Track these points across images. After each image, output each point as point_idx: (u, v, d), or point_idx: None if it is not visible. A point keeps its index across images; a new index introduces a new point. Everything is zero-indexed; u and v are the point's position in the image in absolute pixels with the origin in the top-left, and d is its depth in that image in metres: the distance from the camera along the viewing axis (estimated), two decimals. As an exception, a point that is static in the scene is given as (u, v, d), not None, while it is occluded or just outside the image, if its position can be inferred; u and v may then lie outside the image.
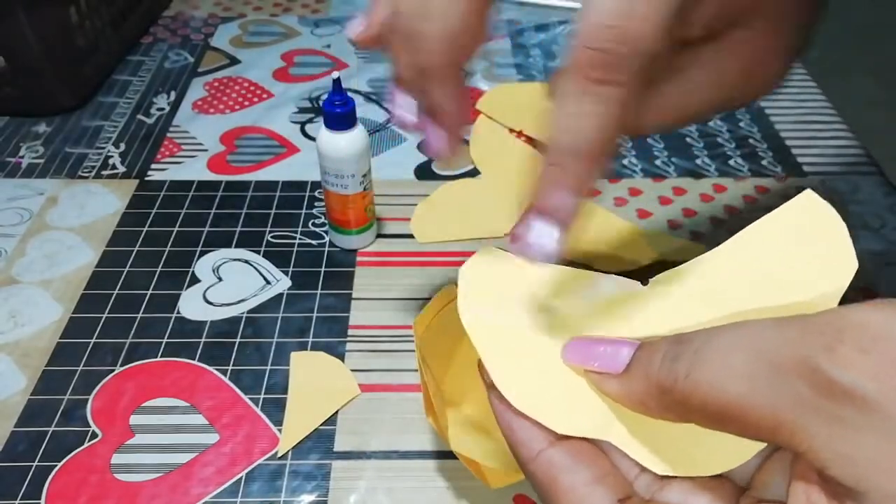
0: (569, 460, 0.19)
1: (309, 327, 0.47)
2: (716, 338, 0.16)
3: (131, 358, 0.45)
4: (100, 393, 0.43)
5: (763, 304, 0.19)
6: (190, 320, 0.48)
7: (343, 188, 0.49)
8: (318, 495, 0.38)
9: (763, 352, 0.15)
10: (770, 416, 0.15)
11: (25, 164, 0.61)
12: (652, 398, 0.17)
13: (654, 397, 0.17)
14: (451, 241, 0.54)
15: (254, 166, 0.61)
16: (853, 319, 0.14)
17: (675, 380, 0.16)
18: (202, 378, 0.44)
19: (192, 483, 0.38)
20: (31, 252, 0.53)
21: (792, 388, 0.14)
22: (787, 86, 0.72)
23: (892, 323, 0.14)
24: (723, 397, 0.15)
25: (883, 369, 0.13)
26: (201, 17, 0.84)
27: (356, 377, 0.44)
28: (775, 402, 0.14)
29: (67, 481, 0.39)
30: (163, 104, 0.69)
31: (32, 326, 0.47)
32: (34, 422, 0.41)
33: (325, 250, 0.53)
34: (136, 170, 0.60)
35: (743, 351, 0.15)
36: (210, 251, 0.53)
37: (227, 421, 0.41)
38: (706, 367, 0.16)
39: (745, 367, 0.15)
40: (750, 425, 0.15)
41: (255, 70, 0.74)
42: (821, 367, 0.14)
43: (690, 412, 0.16)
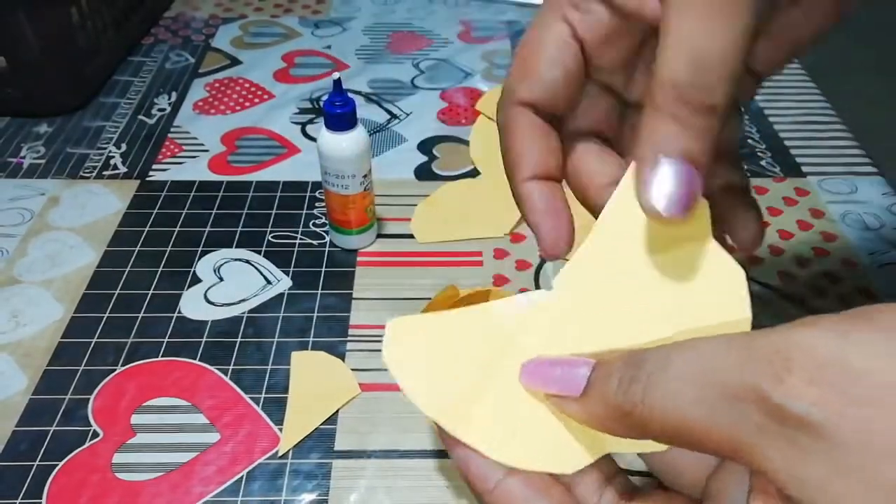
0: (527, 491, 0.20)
1: (310, 327, 0.47)
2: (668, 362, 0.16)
3: (132, 357, 0.45)
4: (101, 392, 0.43)
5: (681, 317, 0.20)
6: (191, 320, 0.48)
7: (344, 188, 0.49)
8: (319, 494, 0.38)
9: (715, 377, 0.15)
10: (728, 439, 0.15)
11: (27, 164, 0.61)
12: (614, 421, 0.18)
13: (615, 420, 0.17)
14: (451, 241, 0.54)
15: (255, 167, 0.61)
16: (800, 344, 0.14)
17: (633, 404, 0.17)
18: (203, 377, 0.44)
19: (193, 482, 0.39)
20: (33, 252, 0.53)
21: (746, 413, 0.14)
22: (786, 86, 0.72)
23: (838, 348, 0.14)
24: (680, 422, 0.16)
25: (830, 398, 0.13)
26: (202, 17, 0.84)
27: (357, 377, 0.44)
28: (731, 426, 0.15)
29: (68, 481, 0.39)
30: (164, 105, 0.69)
31: (34, 326, 0.47)
32: (35, 421, 0.42)
33: (326, 250, 0.53)
34: (137, 170, 0.61)
35: (695, 376, 0.16)
36: (211, 251, 0.53)
37: (228, 420, 0.42)
38: (661, 393, 0.16)
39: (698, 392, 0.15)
40: (710, 447, 0.16)
41: (256, 71, 0.74)
42: (770, 397, 0.14)
43: (651, 434, 0.17)
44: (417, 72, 0.74)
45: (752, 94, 0.25)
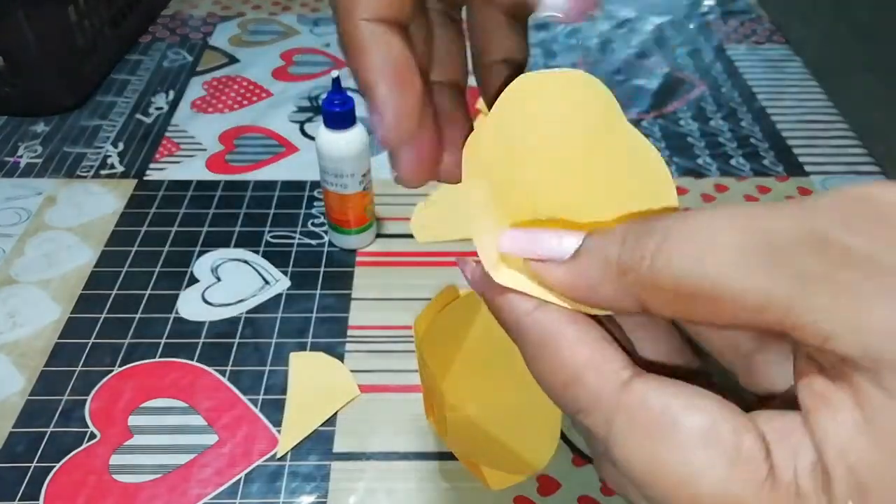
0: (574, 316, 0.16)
1: (308, 327, 0.47)
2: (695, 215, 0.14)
3: (130, 358, 0.45)
4: (98, 393, 0.43)
5: None
6: (189, 321, 0.47)
7: (342, 188, 0.49)
8: (318, 496, 0.38)
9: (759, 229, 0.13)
10: (759, 293, 0.13)
11: (24, 163, 0.61)
12: (607, 281, 0.15)
13: (610, 280, 0.15)
14: (451, 241, 0.53)
15: (253, 166, 0.61)
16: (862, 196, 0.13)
17: (642, 257, 0.15)
18: (201, 379, 0.44)
19: (191, 484, 0.38)
20: (30, 252, 0.52)
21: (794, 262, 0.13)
22: (789, 85, 0.72)
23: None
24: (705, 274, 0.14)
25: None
26: (200, 16, 0.84)
27: (356, 378, 0.44)
28: (769, 278, 0.13)
29: (66, 482, 0.38)
30: (161, 103, 0.69)
31: (31, 326, 0.47)
32: (32, 422, 0.41)
33: (325, 250, 0.53)
34: (134, 169, 0.60)
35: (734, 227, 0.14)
36: (209, 251, 0.53)
37: (226, 422, 0.41)
38: (684, 243, 0.14)
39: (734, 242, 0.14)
40: (730, 306, 0.14)
41: (254, 69, 0.74)
42: (833, 237, 0.13)
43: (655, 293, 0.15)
44: (417, 70, 0.74)
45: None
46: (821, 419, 0.13)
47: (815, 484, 0.13)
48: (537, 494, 0.38)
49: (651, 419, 0.15)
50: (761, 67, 0.74)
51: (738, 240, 0.14)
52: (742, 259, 0.13)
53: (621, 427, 0.15)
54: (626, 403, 0.15)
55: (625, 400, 0.15)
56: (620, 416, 0.15)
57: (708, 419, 0.14)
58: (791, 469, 0.13)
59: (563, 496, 0.38)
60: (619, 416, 0.15)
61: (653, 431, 0.14)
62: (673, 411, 0.14)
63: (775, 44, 0.78)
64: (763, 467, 0.14)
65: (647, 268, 0.15)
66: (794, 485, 0.13)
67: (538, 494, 0.38)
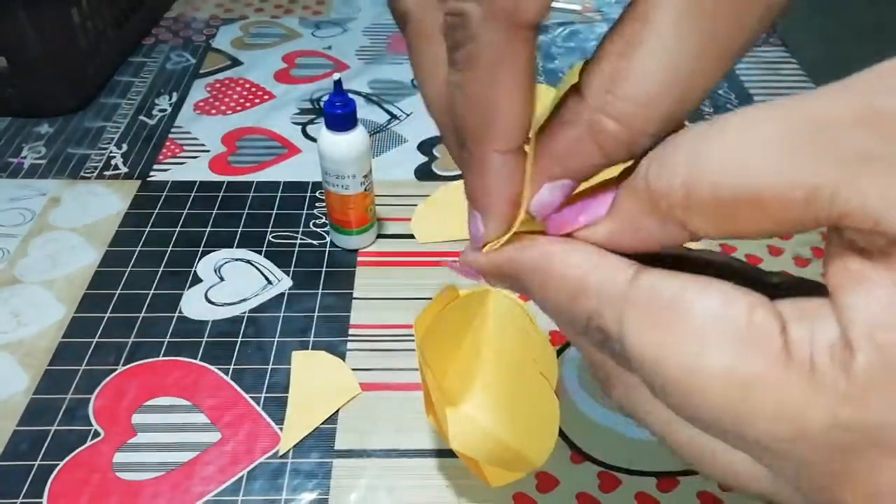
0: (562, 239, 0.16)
1: (310, 327, 0.47)
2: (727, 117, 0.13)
3: (133, 357, 0.45)
4: (102, 392, 0.43)
5: None
6: (192, 320, 0.48)
7: (344, 188, 0.49)
8: (320, 494, 0.38)
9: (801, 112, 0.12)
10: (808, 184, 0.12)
11: (28, 164, 0.61)
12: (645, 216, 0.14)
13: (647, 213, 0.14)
14: (451, 241, 0.54)
15: (255, 167, 0.61)
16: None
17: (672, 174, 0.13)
18: (204, 377, 0.44)
19: (194, 482, 0.39)
20: (34, 252, 0.53)
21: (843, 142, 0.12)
22: (786, 85, 0.72)
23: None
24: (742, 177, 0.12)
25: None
26: (203, 18, 0.84)
27: (357, 376, 0.44)
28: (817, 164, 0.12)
29: (69, 480, 0.39)
30: (164, 105, 0.69)
31: (35, 326, 0.47)
32: (36, 421, 0.42)
33: (326, 250, 0.53)
34: (138, 170, 0.61)
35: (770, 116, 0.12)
36: (212, 251, 0.53)
37: (229, 420, 0.42)
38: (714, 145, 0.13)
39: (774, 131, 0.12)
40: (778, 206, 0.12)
41: (257, 71, 0.74)
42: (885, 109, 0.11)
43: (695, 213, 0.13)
44: (418, 72, 0.74)
45: None
46: (852, 294, 0.12)
47: (833, 361, 0.12)
48: (536, 491, 0.38)
49: (662, 306, 0.14)
50: (758, 69, 0.75)
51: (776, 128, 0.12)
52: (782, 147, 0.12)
53: (633, 318, 0.14)
54: (634, 295, 0.14)
55: (634, 292, 0.14)
56: (631, 308, 0.14)
57: (720, 299, 0.13)
58: (807, 345, 0.12)
59: (562, 493, 0.38)
60: (629, 308, 0.14)
61: (664, 318, 0.14)
62: (684, 296, 0.14)
63: (772, 45, 0.79)
64: (776, 342, 0.13)
65: (679, 187, 0.13)
66: (808, 361, 0.12)
67: (537, 491, 0.38)
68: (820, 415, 0.12)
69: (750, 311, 0.13)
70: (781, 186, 0.12)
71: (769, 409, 0.13)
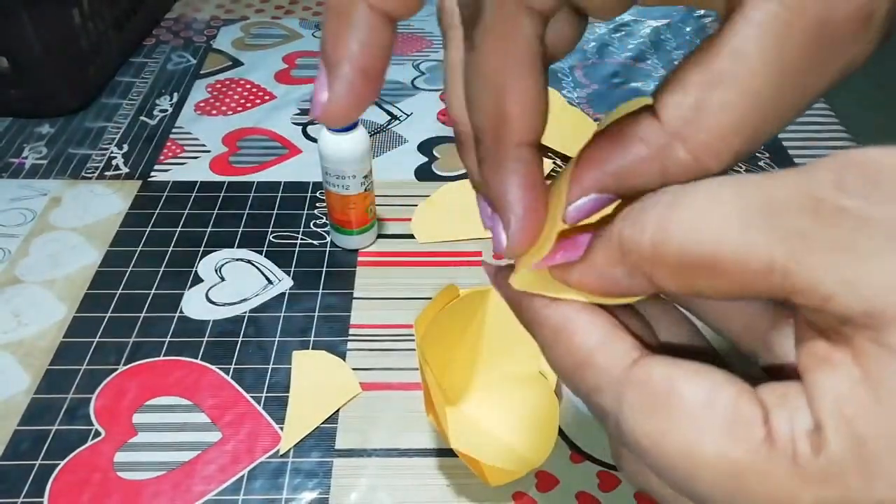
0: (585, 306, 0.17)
1: (310, 326, 0.47)
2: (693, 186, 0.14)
3: (134, 357, 0.45)
4: (103, 392, 0.43)
5: None
6: (193, 319, 0.48)
7: (344, 189, 0.49)
8: (320, 493, 0.38)
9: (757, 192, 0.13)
10: (762, 256, 0.13)
11: (29, 164, 0.61)
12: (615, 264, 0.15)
13: (617, 262, 0.15)
14: (451, 241, 0.54)
15: (256, 167, 0.61)
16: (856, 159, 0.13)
17: (643, 231, 0.15)
18: (205, 377, 0.44)
19: (195, 481, 0.39)
20: (35, 252, 0.53)
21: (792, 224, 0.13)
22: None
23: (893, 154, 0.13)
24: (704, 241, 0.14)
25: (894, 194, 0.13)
26: (203, 19, 0.84)
27: (357, 376, 0.44)
28: (769, 240, 0.13)
29: (70, 480, 0.39)
30: (165, 106, 0.69)
31: (36, 326, 0.47)
32: (37, 420, 0.42)
33: (327, 250, 0.53)
34: (139, 171, 0.61)
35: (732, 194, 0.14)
36: (213, 251, 0.53)
37: (230, 419, 0.42)
38: (682, 213, 0.14)
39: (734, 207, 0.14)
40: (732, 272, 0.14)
41: (257, 72, 0.75)
42: (827, 198, 0.13)
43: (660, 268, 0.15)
44: (418, 73, 0.75)
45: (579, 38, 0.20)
46: (819, 377, 0.13)
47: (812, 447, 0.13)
48: (536, 490, 0.39)
49: (655, 392, 0.15)
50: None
51: (736, 204, 0.14)
52: (740, 222, 0.13)
53: (629, 402, 0.15)
54: (633, 379, 0.15)
55: (632, 376, 0.15)
56: (628, 392, 0.15)
57: (707, 387, 0.14)
58: (788, 432, 0.13)
59: (561, 492, 0.39)
60: (627, 392, 0.15)
61: (657, 403, 0.15)
62: (675, 383, 0.15)
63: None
64: (760, 431, 0.14)
65: (649, 242, 0.14)
66: (790, 448, 0.13)
67: (537, 490, 0.39)
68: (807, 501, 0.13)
69: (735, 399, 0.14)
70: (738, 256, 0.13)
71: (759, 496, 0.14)
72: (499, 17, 0.16)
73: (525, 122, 0.16)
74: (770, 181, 0.14)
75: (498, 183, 0.17)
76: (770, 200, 0.13)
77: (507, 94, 0.16)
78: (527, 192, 0.17)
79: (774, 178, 0.14)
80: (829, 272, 0.13)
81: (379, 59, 0.16)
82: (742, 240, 0.13)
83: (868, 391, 0.13)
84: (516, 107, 0.16)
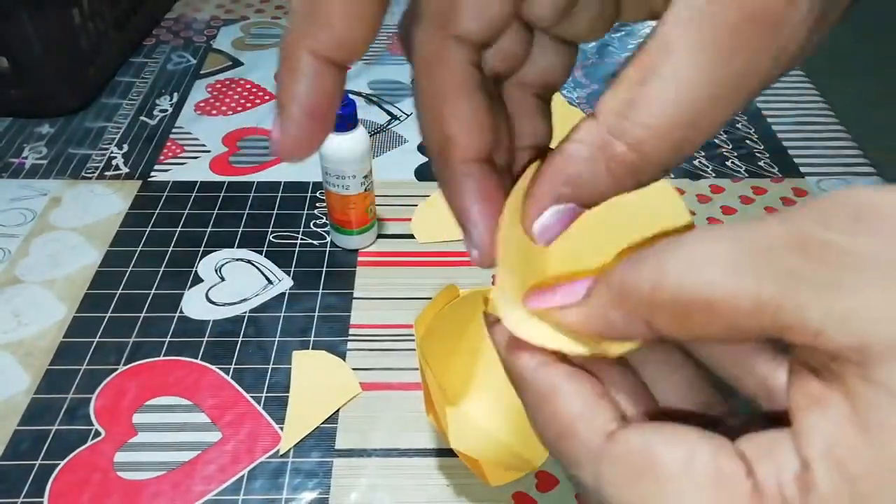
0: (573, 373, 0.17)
1: (310, 326, 0.47)
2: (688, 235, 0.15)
3: (134, 357, 0.45)
4: (103, 392, 0.43)
5: None
6: (193, 319, 0.48)
7: (344, 189, 0.49)
8: (320, 493, 0.38)
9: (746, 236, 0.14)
10: (752, 295, 0.14)
11: (29, 164, 0.61)
12: (614, 308, 0.16)
13: (616, 306, 0.16)
14: (451, 241, 0.54)
15: (256, 167, 0.61)
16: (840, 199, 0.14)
17: (639, 277, 0.15)
18: (205, 377, 0.44)
19: (195, 481, 0.39)
20: (35, 252, 0.53)
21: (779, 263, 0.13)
22: (785, 87, 0.72)
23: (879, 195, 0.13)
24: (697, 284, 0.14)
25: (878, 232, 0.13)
26: (203, 19, 0.84)
27: (357, 376, 0.44)
28: (759, 279, 0.14)
29: (70, 479, 0.39)
30: (165, 106, 0.69)
31: (36, 326, 0.47)
32: (37, 420, 0.42)
33: (327, 250, 0.53)
34: (139, 171, 0.61)
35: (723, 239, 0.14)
36: (213, 251, 0.53)
37: (230, 419, 0.42)
38: (678, 259, 0.15)
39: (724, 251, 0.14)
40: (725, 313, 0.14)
41: (257, 72, 0.75)
42: (814, 236, 0.13)
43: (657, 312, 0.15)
44: (418, 73, 0.75)
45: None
46: (810, 417, 0.14)
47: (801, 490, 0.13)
48: (536, 490, 0.39)
49: (633, 460, 0.15)
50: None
51: (726, 248, 0.14)
52: (731, 266, 0.14)
53: (607, 474, 0.15)
54: (609, 451, 0.16)
55: (609, 448, 0.16)
56: (605, 464, 0.16)
57: (685, 449, 0.15)
58: (775, 481, 0.14)
59: (561, 492, 0.39)
60: (604, 465, 0.16)
61: (636, 471, 0.15)
62: (653, 450, 0.15)
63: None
64: (746, 485, 0.14)
65: (647, 288, 0.15)
66: (779, 496, 0.13)
67: (536, 490, 0.39)
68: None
69: (714, 457, 0.14)
70: (729, 296, 0.14)
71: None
72: (427, 46, 0.17)
73: (465, 140, 0.17)
74: (759, 225, 0.14)
75: (452, 198, 0.18)
76: (759, 242, 0.14)
77: (443, 116, 0.17)
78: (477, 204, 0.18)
79: (763, 222, 0.14)
80: (817, 308, 0.13)
81: (325, 102, 0.17)
82: (732, 280, 0.14)
83: (857, 430, 0.13)
84: (454, 127, 0.17)
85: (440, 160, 0.18)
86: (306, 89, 0.17)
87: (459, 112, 0.17)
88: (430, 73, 0.17)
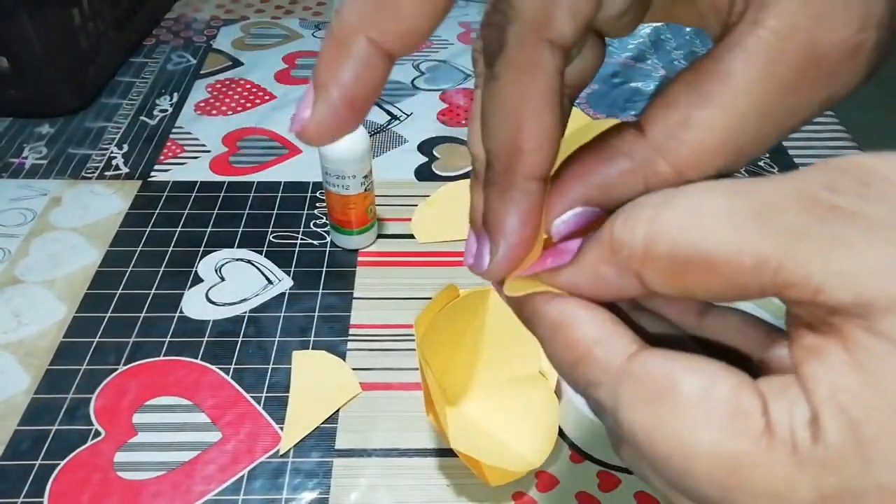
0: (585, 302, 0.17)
1: (310, 326, 0.47)
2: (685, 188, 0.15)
3: (134, 357, 0.45)
4: (103, 392, 0.43)
5: None
6: (193, 319, 0.48)
7: (344, 189, 0.49)
8: (320, 493, 0.38)
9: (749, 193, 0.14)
10: (754, 252, 0.13)
11: (29, 164, 0.61)
12: (605, 263, 0.15)
13: (607, 261, 0.15)
14: (451, 241, 0.54)
15: (256, 167, 0.61)
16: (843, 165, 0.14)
17: (634, 229, 0.15)
18: (205, 377, 0.44)
19: (195, 481, 0.39)
20: (35, 252, 0.53)
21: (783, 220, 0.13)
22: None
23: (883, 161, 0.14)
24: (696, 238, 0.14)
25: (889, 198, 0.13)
26: (203, 19, 0.84)
27: (357, 376, 0.44)
28: (762, 236, 0.13)
29: (70, 480, 0.39)
30: (165, 106, 0.69)
31: (36, 326, 0.47)
32: (37, 420, 0.42)
33: (327, 250, 0.53)
34: (139, 171, 0.61)
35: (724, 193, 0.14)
36: (213, 251, 0.53)
37: (230, 419, 0.42)
38: (675, 211, 0.14)
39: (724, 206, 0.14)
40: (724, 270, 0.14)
41: (258, 72, 0.75)
42: (820, 197, 0.13)
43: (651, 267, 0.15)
44: (417, 73, 0.75)
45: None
46: (811, 367, 0.14)
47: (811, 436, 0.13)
48: (536, 490, 0.39)
49: (652, 384, 0.15)
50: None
51: (728, 204, 0.14)
52: (732, 220, 0.14)
53: (626, 395, 0.15)
54: (630, 372, 0.15)
55: (629, 369, 0.15)
56: (625, 385, 0.15)
57: (706, 379, 0.14)
58: (787, 423, 0.13)
59: (561, 492, 0.39)
60: (623, 385, 0.15)
61: (654, 395, 0.15)
62: (673, 374, 0.15)
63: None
64: (760, 422, 0.14)
65: (640, 241, 0.15)
66: (790, 438, 0.13)
67: (536, 490, 0.39)
68: (806, 491, 0.13)
69: (735, 390, 0.14)
70: (731, 252, 0.14)
71: (757, 487, 0.14)
72: (521, 50, 0.16)
73: (538, 156, 0.16)
74: (762, 182, 0.14)
75: (500, 209, 0.17)
76: (763, 199, 0.14)
77: (523, 127, 0.16)
78: (524, 225, 0.17)
79: (767, 180, 0.14)
80: (821, 264, 0.13)
81: (368, 92, 0.16)
82: (735, 236, 0.13)
83: (860, 377, 0.13)
84: (531, 142, 0.16)
85: (504, 170, 0.17)
86: (353, 75, 0.16)
87: (543, 125, 0.16)
88: (518, 80, 0.16)
